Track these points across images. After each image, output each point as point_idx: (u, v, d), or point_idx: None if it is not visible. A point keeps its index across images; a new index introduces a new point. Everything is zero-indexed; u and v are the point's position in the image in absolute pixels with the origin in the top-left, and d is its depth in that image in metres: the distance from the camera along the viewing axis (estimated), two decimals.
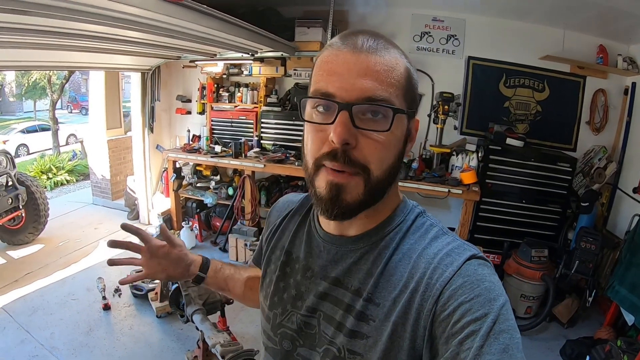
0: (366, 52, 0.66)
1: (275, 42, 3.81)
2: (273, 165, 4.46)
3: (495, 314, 0.59)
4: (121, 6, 2.07)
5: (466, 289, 0.63)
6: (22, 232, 4.96)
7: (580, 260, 3.56)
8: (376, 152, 0.68)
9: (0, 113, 21.88)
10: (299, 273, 0.86)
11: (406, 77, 0.70)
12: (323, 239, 0.83)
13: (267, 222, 1.02)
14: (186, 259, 1.05)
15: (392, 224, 0.78)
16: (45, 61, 4.01)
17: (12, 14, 1.99)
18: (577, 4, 3.43)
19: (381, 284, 0.72)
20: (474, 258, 0.68)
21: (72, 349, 3.15)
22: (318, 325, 0.80)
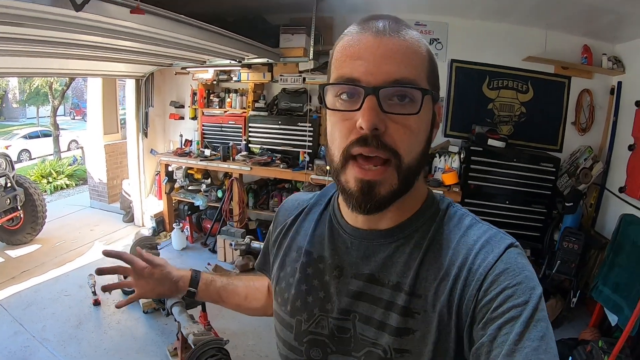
0: (389, 35, 0.66)
1: (259, 49, 4.01)
2: (259, 168, 4.68)
3: (535, 302, 0.61)
4: (114, 19, 2.25)
5: (509, 275, 0.64)
6: (21, 232, 5.22)
7: (562, 260, 3.67)
8: (406, 137, 0.67)
9: (3, 119, 22.53)
10: (325, 273, 0.82)
11: (429, 59, 0.70)
12: (350, 234, 0.81)
13: (275, 224, 0.99)
14: (170, 277, 1.07)
15: (425, 215, 0.77)
16: (44, 68, 4.28)
17: (9, 25, 2.20)
18: (557, 3, 3.52)
19: (422, 275, 0.72)
20: (512, 247, 0.69)
21: (61, 340, 3.37)
22: (353, 327, 0.77)
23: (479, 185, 4.06)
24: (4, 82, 16.86)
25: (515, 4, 3.78)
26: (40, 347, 3.27)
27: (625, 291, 3.08)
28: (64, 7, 1.89)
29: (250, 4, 4.25)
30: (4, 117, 22.69)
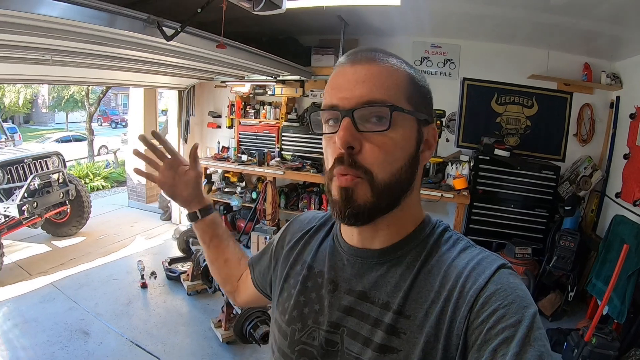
0: (364, 62, 0.74)
1: (293, 67, 4.78)
2: (291, 172, 5.44)
3: (529, 321, 0.62)
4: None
5: (500, 296, 0.66)
6: (66, 225, 6.02)
7: (559, 257, 4.21)
8: (379, 154, 0.72)
9: (32, 123, 23.76)
10: (322, 287, 0.87)
11: (408, 82, 0.75)
12: (347, 252, 0.85)
13: (286, 232, 1.05)
14: (196, 188, 1.15)
15: (419, 237, 0.80)
16: (89, 78, 4.99)
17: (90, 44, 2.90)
18: (556, 27, 4.04)
19: (411, 296, 0.74)
20: (503, 267, 0.71)
21: (114, 315, 4.05)
22: (341, 342, 0.80)
23: (487, 190, 4.67)
24: (35, 88, 17.96)
25: (519, 28, 4.34)
26: (95, 321, 3.92)
27: (615, 283, 3.42)
28: (156, 37, 2.62)
29: (282, 26, 4.92)
30: (34, 122, 24.02)
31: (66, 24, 2.31)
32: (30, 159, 5.35)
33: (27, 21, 2.21)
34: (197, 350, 3.55)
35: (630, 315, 3.48)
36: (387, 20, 4.67)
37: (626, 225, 3.83)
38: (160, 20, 2.48)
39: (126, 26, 2.37)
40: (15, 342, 3.53)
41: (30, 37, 2.57)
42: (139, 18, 2.42)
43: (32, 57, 3.34)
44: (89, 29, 2.45)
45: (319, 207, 5.54)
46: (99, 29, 2.41)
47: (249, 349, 3.55)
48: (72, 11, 2.11)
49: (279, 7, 2.25)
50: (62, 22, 2.25)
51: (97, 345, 3.54)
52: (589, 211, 4.85)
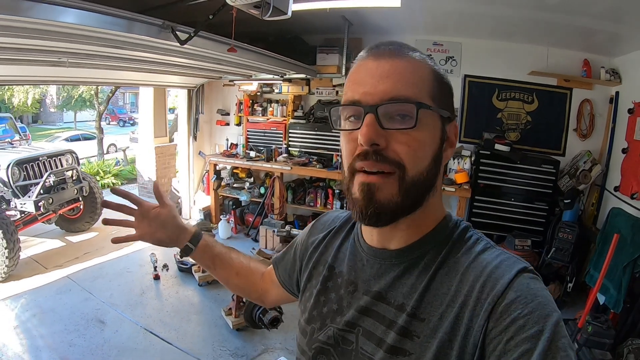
0: (387, 57, 0.72)
1: (299, 66, 4.96)
2: (298, 167, 5.68)
3: (551, 331, 0.60)
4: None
5: (520, 304, 0.63)
6: (80, 221, 6.25)
7: (557, 248, 4.38)
8: (408, 150, 0.70)
9: (41, 122, 24.13)
10: (341, 287, 0.87)
11: (432, 78, 0.74)
12: (366, 252, 0.85)
13: (309, 233, 1.06)
14: (176, 222, 1.12)
15: (437, 237, 0.79)
16: (100, 78, 5.22)
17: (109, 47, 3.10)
18: (555, 25, 4.16)
19: (426, 299, 0.73)
20: (525, 272, 0.69)
21: (128, 305, 4.26)
22: (356, 341, 0.80)
23: (487, 184, 4.84)
24: (44, 88, 18.22)
25: (519, 26, 4.48)
26: (110, 310, 4.14)
27: (611, 274, 3.62)
28: (170, 41, 2.80)
29: (289, 26, 5.02)
30: (42, 121, 24.40)
31: (86, 30, 2.50)
32: (45, 157, 5.57)
33: (49, 27, 2.39)
34: (208, 337, 3.77)
35: (627, 305, 3.59)
36: (390, 20, 4.83)
37: (622, 217, 3.97)
38: (174, 25, 2.67)
39: (143, 31, 2.56)
40: (33, 331, 3.73)
41: (51, 41, 2.76)
42: (155, 24, 2.61)
43: (49, 60, 3.53)
44: (107, 34, 2.63)
45: (325, 202, 5.75)
46: (117, 33, 2.60)
47: (258, 335, 3.76)
48: (92, 19, 2.30)
49: (285, 13, 2.43)
50: (82, 28, 2.44)
51: (113, 333, 3.75)
52: (589, 205, 4.99)
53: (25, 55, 3.23)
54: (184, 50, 3.16)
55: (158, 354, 3.50)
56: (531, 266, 0.71)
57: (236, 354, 3.53)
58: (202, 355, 3.49)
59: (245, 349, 3.61)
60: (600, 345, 3.37)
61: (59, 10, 2.12)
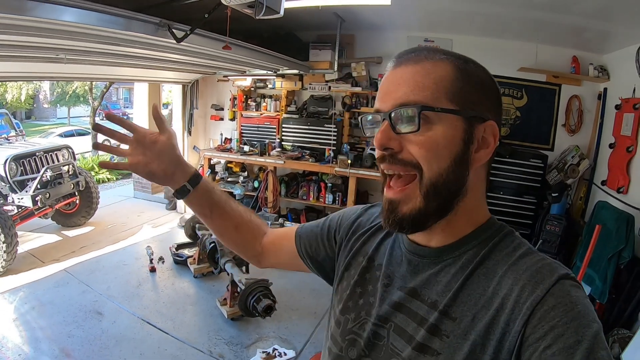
0: (404, 64, 0.75)
1: (292, 62, 5.10)
2: (291, 161, 5.83)
3: (590, 342, 0.58)
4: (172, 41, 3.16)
5: (559, 312, 0.62)
6: (76, 215, 6.32)
7: (545, 240, 4.50)
8: (421, 150, 0.72)
9: (34, 118, 24.06)
10: (378, 280, 0.87)
11: (452, 78, 0.73)
12: (406, 248, 0.85)
13: (355, 217, 1.04)
14: (173, 154, 1.00)
15: (478, 238, 0.78)
16: (96, 74, 5.31)
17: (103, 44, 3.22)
18: (543, 22, 4.25)
19: (460, 298, 0.73)
20: (566, 278, 0.67)
21: (125, 297, 4.35)
22: (387, 336, 0.80)
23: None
24: (37, 84, 18.21)
25: (509, 23, 4.60)
26: (108, 302, 4.22)
27: (597, 265, 3.75)
28: (167, 38, 2.92)
29: (282, 23, 5.05)
30: (35, 117, 24.33)
31: (86, 28, 2.61)
32: (41, 152, 5.65)
33: (50, 25, 2.51)
34: (204, 327, 3.89)
35: (613, 296, 3.70)
36: (382, 17, 4.95)
37: (608, 211, 4.09)
38: (170, 23, 2.79)
39: (140, 29, 2.69)
40: (33, 323, 3.82)
41: (50, 39, 2.87)
42: (152, 22, 2.73)
43: (47, 56, 3.64)
44: (106, 32, 2.75)
45: (318, 195, 5.89)
46: (115, 31, 2.71)
47: (252, 324, 3.90)
48: (92, 17, 2.43)
49: (278, 12, 2.54)
50: (82, 26, 2.55)
51: (111, 324, 3.85)
52: (577, 198, 5.11)
53: (24, 52, 3.33)
54: (180, 47, 3.27)
55: (155, 343, 3.61)
56: (572, 273, 0.69)
57: (231, 342, 3.66)
58: (198, 344, 3.61)
59: (240, 337, 3.74)
60: None
61: (60, 10, 2.24)
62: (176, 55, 3.98)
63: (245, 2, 2.38)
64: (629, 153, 4.07)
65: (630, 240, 3.63)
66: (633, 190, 4.02)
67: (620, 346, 3.26)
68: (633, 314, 3.55)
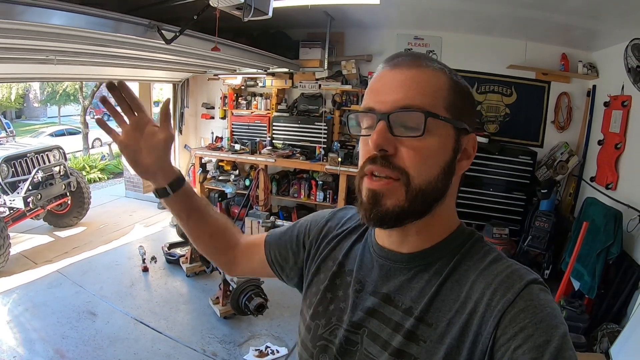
0: (403, 67, 0.74)
1: (282, 61, 5.12)
2: (282, 160, 5.87)
3: (559, 342, 0.61)
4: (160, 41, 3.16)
5: (528, 314, 0.64)
6: (67, 216, 6.30)
7: (534, 236, 4.59)
8: (415, 157, 0.72)
9: (24, 118, 23.77)
10: (349, 286, 0.87)
11: (448, 88, 0.75)
12: (377, 253, 0.86)
13: (324, 222, 1.03)
14: (164, 155, 0.98)
15: (450, 245, 0.80)
16: (86, 74, 5.30)
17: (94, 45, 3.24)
18: (532, 20, 4.31)
19: (435, 305, 0.74)
20: (534, 283, 0.70)
21: (118, 297, 4.37)
22: (361, 342, 0.81)
23: (467, 174, 4.87)
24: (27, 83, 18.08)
25: (498, 21, 4.66)
26: (101, 302, 4.23)
27: (585, 260, 3.81)
28: (156, 39, 2.93)
29: (272, 21, 5.18)
30: (26, 117, 24.07)
31: (75, 30, 2.62)
32: (32, 153, 5.65)
33: (40, 28, 2.53)
34: (197, 325, 3.93)
35: (601, 291, 3.76)
36: (371, 15, 4.99)
37: (596, 207, 4.16)
38: (160, 24, 2.81)
39: (129, 31, 2.70)
40: (26, 324, 3.84)
41: (40, 41, 2.88)
42: (141, 24, 2.75)
43: (37, 58, 3.64)
44: (95, 34, 2.76)
45: (309, 193, 5.93)
46: (105, 33, 2.72)
47: (244, 322, 3.94)
48: (81, 20, 2.44)
49: (266, 14, 2.58)
50: (71, 29, 2.57)
51: (105, 324, 3.88)
52: (566, 195, 5.20)
53: (14, 54, 3.34)
54: (169, 47, 3.28)
55: (149, 342, 3.64)
56: (541, 278, 0.72)
57: (224, 340, 3.70)
58: (191, 342, 3.65)
59: (232, 335, 3.78)
60: (575, 329, 3.51)
61: (49, 13, 2.26)
62: (166, 55, 3.99)
63: (234, 4, 2.41)
64: (617, 150, 4.14)
65: (618, 236, 3.68)
66: (621, 187, 4.09)
67: (609, 340, 3.30)
68: (622, 308, 3.61)
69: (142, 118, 0.96)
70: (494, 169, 5.00)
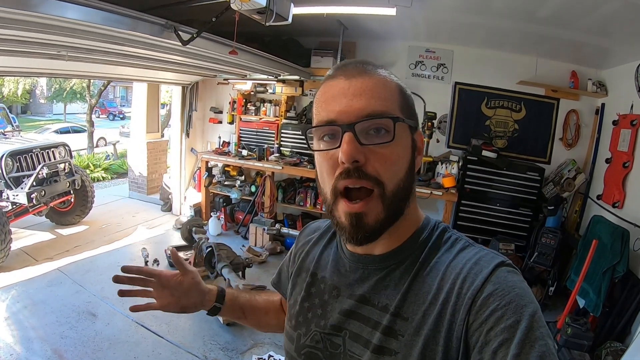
0: (357, 76, 0.75)
1: (293, 68, 5.06)
2: (290, 167, 5.74)
3: (528, 320, 0.62)
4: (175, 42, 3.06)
5: (497, 296, 0.65)
6: (70, 214, 6.22)
7: (540, 253, 4.50)
8: (387, 165, 0.73)
9: (30, 113, 23.85)
10: (325, 293, 0.89)
11: (399, 92, 0.77)
12: (349, 258, 0.87)
13: (295, 248, 1.09)
14: (200, 288, 1.07)
15: (418, 240, 0.81)
16: (94, 72, 5.19)
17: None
18: (542, 37, 4.28)
19: (409, 299, 0.75)
20: (502, 265, 0.71)
21: (119, 299, 4.13)
22: (343, 344, 0.82)
23: (474, 189, 4.96)
24: (34, 79, 18.03)
25: (509, 36, 4.61)
26: (101, 303, 4.13)
27: (591, 278, 3.76)
28: (172, 40, 2.85)
29: (285, 28, 5.12)
30: (31, 112, 24.11)
31: (91, 26, 2.53)
32: (38, 149, 5.56)
33: (55, 22, 2.43)
34: (198, 331, 3.81)
35: (606, 309, 3.71)
36: (385, 26, 4.93)
37: (603, 225, 4.08)
38: (176, 25, 2.73)
39: (146, 30, 2.62)
40: (25, 322, 3.73)
41: (53, 35, 2.79)
42: (158, 23, 2.67)
43: (48, 53, 3.55)
44: (111, 31, 2.67)
45: (315, 202, 5.81)
46: (121, 31, 2.63)
47: (247, 329, 3.80)
48: (98, 16, 2.36)
49: (286, 20, 2.50)
50: (86, 24, 2.48)
51: (105, 326, 3.76)
52: (572, 212, 5.12)
53: (25, 47, 3.24)
54: (184, 49, 3.21)
55: (150, 346, 3.53)
56: (509, 260, 0.74)
57: (226, 348, 3.59)
58: (193, 349, 3.53)
59: (235, 343, 3.67)
60: (579, 346, 3.46)
61: (65, 7, 2.17)
62: (179, 57, 3.90)
63: (255, 8, 2.33)
64: (625, 168, 4.09)
65: (625, 255, 3.65)
66: (628, 206, 4.04)
67: (613, 358, 3.29)
68: (626, 327, 3.58)
69: (162, 279, 1.05)
70: (501, 184, 4.92)
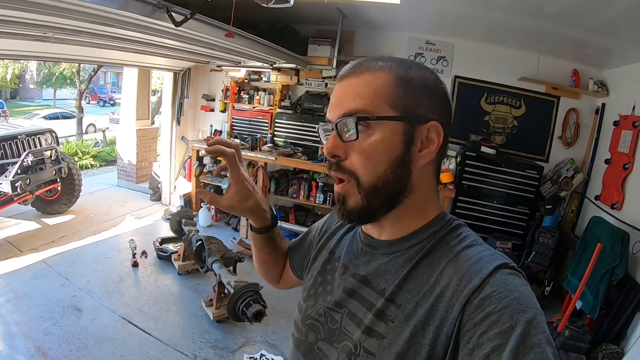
0: (346, 77, 0.80)
1: (290, 56, 4.83)
2: (283, 158, 5.56)
3: (524, 326, 0.59)
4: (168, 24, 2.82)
5: (495, 299, 0.63)
6: (57, 203, 6.02)
7: (537, 252, 4.43)
8: (360, 159, 0.77)
9: (19, 99, 23.45)
10: (336, 271, 0.93)
11: (391, 86, 0.76)
12: (362, 241, 0.91)
13: (325, 222, 1.12)
14: (258, 196, 1.05)
15: (426, 232, 0.81)
16: (84, 56, 4.90)
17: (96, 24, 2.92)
18: (546, 34, 4.18)
19: (405, 287, 0.76)
20: (504, 267, 0.69)
21: (105, 292, 4.10)
22: (341, 321, 0.85)
23: (472, 185, 4.85)
24: (24, 63, 17.65)
25: (512, 31, 4.48)
26: (87, 297, 3.97)
27: (589, 281, 3.66)
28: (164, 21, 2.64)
29: (281, 14, 4.82)
30: (20, 97, 23.66)
31: (77, 5, 2.33)
32: (24, 136, 5.35)
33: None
34: (188, 328, 3.66)
35: (603, 311, 3.66)
36: (385, 15, 4.76)
37: (603, 226, 4.01)
38: (169, 5, 2.52)
39: (137, 10, 2.40)
40: (7, 317, 3.56)
41: (38, 14, 2.58)
42: (150, 2, 2.45)
43: (33, 34, 3.33)
44: (99, 10, 2.47)
45: (308, 194, 5.65)
46: (109, 10, 2.43)
47: (238, 327, 3.68)
48: None
49: (288, 2, 2.32)
50: (73, 2, 2.28)
51: (90, 322, 3.60)
52: (569, 211, 5.04)
53: (9, 27, 3.01)
54: (176, 32, 3.01)
55: (137, 344, 3.37)
56: (513, 262, 0.72)
57: (216, 346, 3.44)
58: (182, 347, 3.38)
59: (225, 341, 3.52)
60: (577, 349, 3.44)
61: None
62: (171, 40, 3.70)
63: None
64: (625, 170, 4.03)
65: (624, 258, 3.58)
66: (627, 207, 3.98)
67: None
68: (622, 330, 3.56)
69: (237, 172, 1.03)
70: (499, 180, 4.81)
